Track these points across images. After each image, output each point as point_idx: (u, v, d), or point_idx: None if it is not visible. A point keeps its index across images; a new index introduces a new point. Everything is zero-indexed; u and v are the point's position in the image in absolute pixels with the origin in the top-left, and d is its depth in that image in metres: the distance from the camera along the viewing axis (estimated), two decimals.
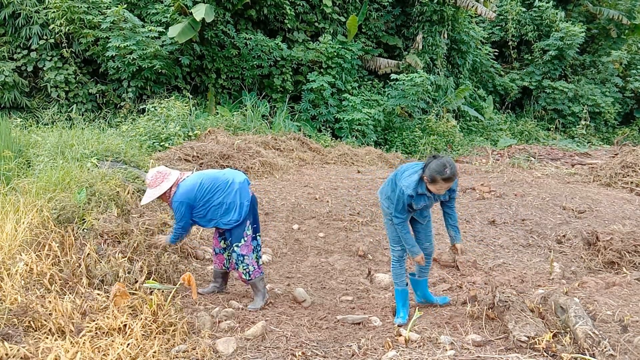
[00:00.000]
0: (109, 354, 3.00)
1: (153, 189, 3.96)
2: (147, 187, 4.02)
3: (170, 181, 3.96)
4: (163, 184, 3.96)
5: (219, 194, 3.96)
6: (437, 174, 3.50)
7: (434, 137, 13.18)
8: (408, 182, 3.65)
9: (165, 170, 4.04)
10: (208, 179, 4.03)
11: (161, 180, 3.96)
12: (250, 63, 12.46)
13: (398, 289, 3.96)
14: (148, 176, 4.01)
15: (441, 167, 3.49)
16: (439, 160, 3.54)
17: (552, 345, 3.14)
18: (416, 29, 14.69)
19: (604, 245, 5.34)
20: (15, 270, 3.69)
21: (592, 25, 18.81)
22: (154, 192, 3.95)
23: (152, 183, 3.97)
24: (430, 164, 3.55)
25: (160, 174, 3.99)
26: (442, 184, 3.53)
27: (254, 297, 4.17)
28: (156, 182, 3.96)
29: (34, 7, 11.21)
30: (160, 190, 3.94)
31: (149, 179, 3.98)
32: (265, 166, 8.65)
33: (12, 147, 6.06)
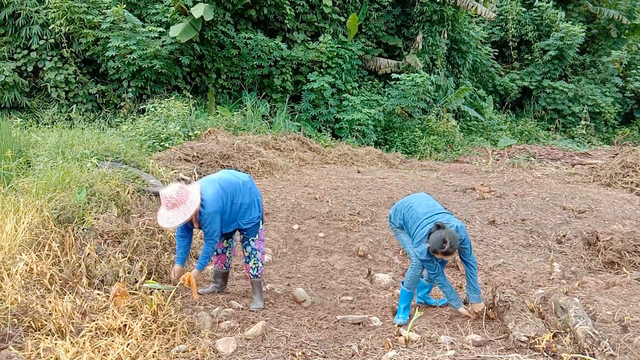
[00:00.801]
0: (109, 354, 3.00)
1: (182, 207, 3.58)
2: (170, 207, 3.57)
3: (197, 195, 3.66)
4: (192, 199, 3.62)
5: (238, 196, 3.93)
6: (437, 248, 3.55)
7: (434, 137, 13.18)
8: (420, 249, 3.70)
9: (182, 185, 3.71)
10: (225, 183, 3.87)
11: (185, 196, 3.61)
12: (250, 63, 12.46)
13: (407, 290, 3.94)
14: (170, 194, 3.58)
15: (440, 243, 3.52)
16: (440, 234, 3.53)
17: (552, 345, 3.14)
18: (416, 29, 14.69)
19: (604, 245, 5.34)
20: (15, 270, 3.69)
21: (592, 25, 18.81)
22: (187, 210, 3.58)
23: (178, 201, 3.58)
24: (432, 236, 3.57)
25: (183, 189, 3.63)
26: (443, 256, 3.61)
27: (254, 296, 4.17)
28: (182, 199, 3.59)
29: (34, 7, 11.21)
30: (194, 206, 3.60)
31: (174, 197, 3.57)
32: (265, 166, 8.65)
33: (12, 147, 6.06)
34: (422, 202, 4.00)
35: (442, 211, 3.89)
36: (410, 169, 10.55)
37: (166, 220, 3.60)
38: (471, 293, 3.78)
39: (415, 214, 3.89)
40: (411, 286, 3.90)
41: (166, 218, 3.59)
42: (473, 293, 3.77)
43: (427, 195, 4.18)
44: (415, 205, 3.97)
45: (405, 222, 3.99)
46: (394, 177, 8.96)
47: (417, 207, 3.94)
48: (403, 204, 4.09)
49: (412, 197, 4.16)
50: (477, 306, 3.76)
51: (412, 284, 3.90)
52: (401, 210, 4.04)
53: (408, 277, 3.91)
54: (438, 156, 12.64)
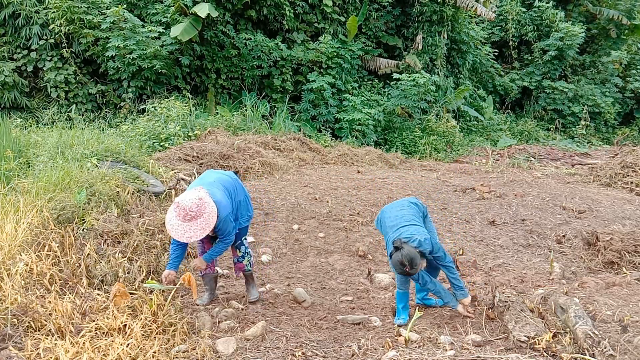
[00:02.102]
0: (109, 354, 3.00)
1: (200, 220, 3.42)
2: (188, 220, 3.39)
3: (213, 205, 3.53)
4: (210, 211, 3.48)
5: (236, 194, 3.95)
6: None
7: (434, 137, 13.18)
8: (392, 264, 3.65)
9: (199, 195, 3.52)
10: (225, 184, 3.85)
11: (203, 208, 3.45)
12: (250, 63, 12.46)
13: (400, 291, 3.94)
14: (190, 207, 3.39)
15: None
16: (397, 257, 3.50)
17: (552, 345, 3.14)
18: (416, 29, 14.69)
19: (604, 245, 5.34)
20: (15, 270, 3.69)
21: (592, 26, 18.81)
22: (206, 223, 3.44)
23: (197, 214, 3.41)
24: (392, 258, 3.55)
25: (201, 200, 3.46)
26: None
27: (251, 289, 4.23)
28: (200, 211, 3.43)
29: (34, 7, 11.21)
30: (213, 219, 3.48)
31: (194, 211, 3.40)
32: (265, 166, 8.65)
33: (12, 147, 6.06)
34: (393, 213, 3.94)
35: (408, 223, 3.80)
36: (410, 169, 10.55)
37: (182, 234, 3.39)
38: (457, 291, 3.85)
39: (385, 226, 3.93)
40: (402, 286, 3.91)
41: (182, 231, 3.39)
42: (459, 290, 3.84)
43: (402, 204, 4.08)
44: (387, 216, 3.97)
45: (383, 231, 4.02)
46: (394, 177, 8.96)
47: (387, 219, 3.94)
48: (382, 212, 4.10)
49: (389, 206, 4.13)
50: (466, 300, 3.84)
51: (401, 283, 3.92)
52: (380, 219, 4.08)
53: (396, 277, 3.94)
54: (438, 156, 12.65)
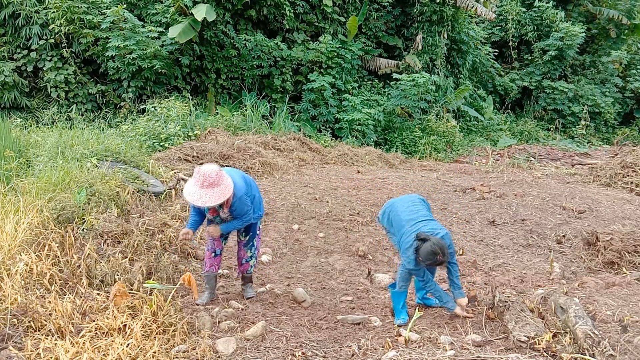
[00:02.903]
0: (109, 354, 3.00)
1: (217, 189, 3.56)
2: (206, 186, 3.53)
3: (231, 180, 3.68)
4: (228, 183, 3.63)
5: (252, 189, 4.01)
6: (429, 262, 3.57)
7: (434, 137, 13.18)
8: (407, 258, 3.71)
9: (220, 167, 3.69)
10: (246, 177, 3.97)
11: (222, 178, 3.61)
12: (250, 63, 12.46)
13: (399, 291, 3.93)
14: (210, 174, 3.54)
15: (432, 256, 3.51)
16: (429, 247, 3.50)
17: (552, 345, 3.13)
18: (416, 29, 14.69)
19: (604, 245, 5.34)
20: (15, 270, 3.69)
21: (592, 26, 18.81)
22: (222, 192, 3.57)
23: (215, 182, 3.55)
24: (421, 249, 3.54)
25: (221, 170, 3.63)
26: (436, 267, 3.70)
27: (249, 289, 4.31)
28: (219, 180, 3.58)
29: (34, 7, 11.21)
30: (229, 190, 3.62)
31: (213, 177, 3.54)
32: (265, 166, 8.65)
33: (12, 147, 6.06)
34: (407, 207, 3.96)
35: (425, 218, 3.85)
36: (410, 169, 10.55)
37: (198, 198, 3.54)
38: (456, 290, 3.86)
39: (399, 220, 3.90)
40: (404, 285, 3.91)
41: (198, 196, 3.54)
42: (458, 290, 3.86)
43: (413, 199, 4.12)
44: (400, 210, 3.97)
45: (392, 225, 4.01)
46: (394, 177, 8.96)
47: (401, 212, 3.94)
48: (391, 206, 4.09)
49: (398, 200, 4.14)
50: (463, 300, 3.85)
51: (404, 282, 3.91)
52: (388, 213, 4.06)
53: (399, 275, 3.93)
54: (438, 156, 12.65)
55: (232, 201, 3.76)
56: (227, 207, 3.81)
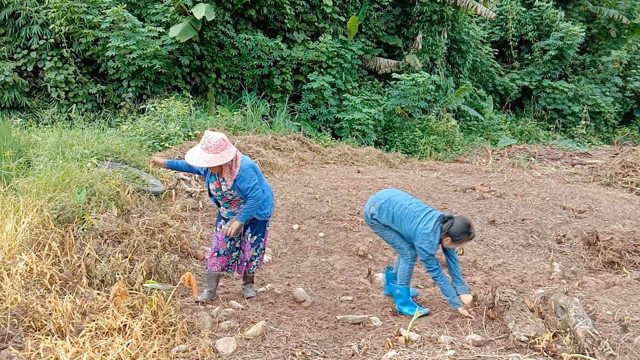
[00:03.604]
0: (109, 354, 3.00)
1: (215, 154, 3.58)
2: (211, 150, 3.57)
3: (234, 149, 3.69)
4: (231, 151, 3.64)
5: (263, 181, 3.99)
6: (464, 235, 3.73)
7: (434, 137, 13.18)
8: (430, 244, 3.80)
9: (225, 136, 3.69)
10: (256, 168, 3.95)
11: (226, 146, 3.62)
12: (250, 63, 12.46)
13: (404, 286, 4.01)
14: (215, 139, 3.59)
15: (466, 229, 3.73)
16: (460, 223, 3.73)
17: (552, 345, 3.13)
18: (416, 29, 14.69)
19: (604, 245, 5.34)
20: (15, 270, 3.68)
21: (592, 25, 18.80)
22: (218, 157, 3.58)
23: (214, 147, 3.57)
24: (453, 227, 3.73)
25: (224, 141, 3.63)
26: (467, 242, 3.84)
27: (250, 288, 4.32)
28: (219, 148, 3.59)
29: (34, 7, 11.20)
30: (231, 155, 3.63)
31: (218, 142, 3.58)
32: (265, 166, 8.65)
33: (12, 147, 6.06)
34: (409, 199, 4.09)
35: (430, 209, 4.01)
36: (410, 168, 10.55)
37: (199, 158, 3.58)
38: (459, 285, 3.92)
39: (409, 212, 3.96)
40: (408, 281, 3.94)
41: (199, 157, 3.58)
42: (461, 285, 3.92)
43: (404, 194, 4.23)
44: (403, 202, 4.04)
45: (396, 219, 4.01)
46: (394, 177, 8.96)
47: (407, 205, 4.01)
48: (387, 201, 4.10)
49: (390, 194, 4.18)
50: (467, 297, 3.87)
51: (407, 278, 3.98)
52: (387, 208, 4.06)
53: (403, 272, 3.96)
54: (438, 156, 12.64)
55: (239, 173, 3.74)
56: (232, 178, 3.75)
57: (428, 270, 3.90)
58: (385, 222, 4.09)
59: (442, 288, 3.90)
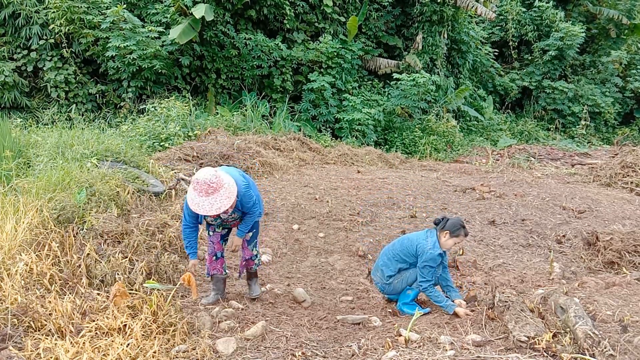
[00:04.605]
0: (109, 354, 3.00)
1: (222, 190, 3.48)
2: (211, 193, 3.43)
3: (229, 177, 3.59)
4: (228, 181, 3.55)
5: (252, 189, 3.98)
6: (461, 227, 3.91)
7: (434, 137, 13.18)
8: (431, 256, 3.90)
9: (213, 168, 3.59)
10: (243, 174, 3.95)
11: (221, 178, 3.52)
12: (250, 63, 12.46)
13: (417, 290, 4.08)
14: (210, 180, 3.45)
15: (460, 222, 3.95)
16: (452, 221, 3.94)
17: (552, 345, 3.13)
18: (416, 29, 14.69)
19: (604, 245, 5.34)
20: (15, 270, 3.68)
21: (592, 25, 18.81)
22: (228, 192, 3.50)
23: (218, 185, 3.47)
24: (447, 225, 3.92)
25: (217, 172, 3.53)
26: (462, 238, 3.97)
27: (254, 286, 4.29)
28: (220, 182, 3.49)
29: (34, 7, 11.21)
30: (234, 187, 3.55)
31: (215, 182, 3.45)
32: (265, 166, 8.65)
33: (12, 147, 6.06)
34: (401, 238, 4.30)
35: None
36: (410, 169, 10.55)
37: (210, 207, 3.44)
38: (452, 292, 4.06)
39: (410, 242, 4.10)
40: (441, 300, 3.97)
41: (209, 205, 3.44)
42: (454, 291, 4.07)
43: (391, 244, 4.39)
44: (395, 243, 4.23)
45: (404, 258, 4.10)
46: (394, 177, 8.96)
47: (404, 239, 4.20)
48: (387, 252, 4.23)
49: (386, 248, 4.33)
50: (461, 301, 3.99)
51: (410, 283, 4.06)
52: (393, 258, 4.15)
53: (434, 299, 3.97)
54: (438, 156, 12.64)
55: (238, 199, 3.70)
56: (233, 207, 3.73)
57: (421, 280, 3.95)
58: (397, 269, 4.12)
59: (433, 297, 3.95)
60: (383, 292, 4.27)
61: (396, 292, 4.17)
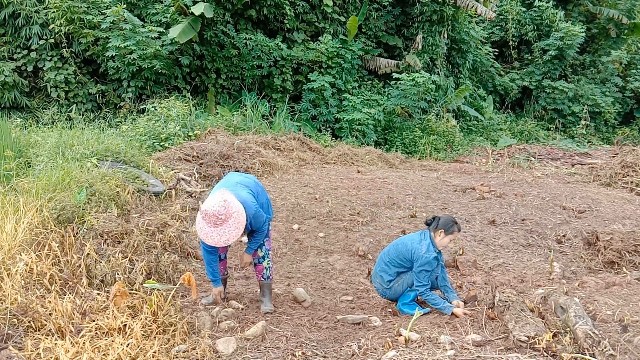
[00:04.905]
0: (109, 354, 3.00)
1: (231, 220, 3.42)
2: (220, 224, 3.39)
3: (238, 202, 3.53)
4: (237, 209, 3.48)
5: (259, 197, 3.96)
6: (454, 224, 3.93)
7: (434, 137, 13.18)
8: (425, 260, 3.90)
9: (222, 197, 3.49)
10: (249, 185, 3.89)
11: (230, 207, 3.44)
12: (250, 63, 12.46)
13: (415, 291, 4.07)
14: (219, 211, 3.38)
15: (452, 218, 3.99)
16: (443, 219, 3.97)
17: (552, 345, 3.13)
18: (416, 29, 14.69)
19: (604, 245, 5.34)
20: (15, 270, 3.68)
21: (592, 25, 18.80)
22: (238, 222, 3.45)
23: (227, 215, 3.41)
24: (441, 222, 3.96)
25: (226, 202, 3.44)
26: (457, 234, 3.98)
27: (264, 299, 4.13)
28: (229, 212, 3.42)
29: (34, 7, 11.20)
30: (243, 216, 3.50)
31: (224, 214, 3.39)
32: (265, 166, 8.65)
33: (12, 147, 6.06)
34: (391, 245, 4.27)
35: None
36: (410, 168, 10.55)
37: (219, 239, 3.41)
38: (450, 293, 4.06)
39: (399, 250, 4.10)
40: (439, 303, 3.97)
41: (218, 236, 3.41)
42: (452, 292, 4.07)
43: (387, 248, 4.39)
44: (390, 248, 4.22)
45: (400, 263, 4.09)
46: (394, 177, 8.96)
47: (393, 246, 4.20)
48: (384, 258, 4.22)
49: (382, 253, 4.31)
50: (459, 302, 3.99)
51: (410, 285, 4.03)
52: (390, 263, 4.14)
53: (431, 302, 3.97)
54: (438, 156, 12.64)
55: (247, 221, 3.64)
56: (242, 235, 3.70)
57: (417, 285, 3.96)
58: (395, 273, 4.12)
59: (430, 300, 3.95)
60: (385, 296, 4.27)
61: (397, 295, 4.16)
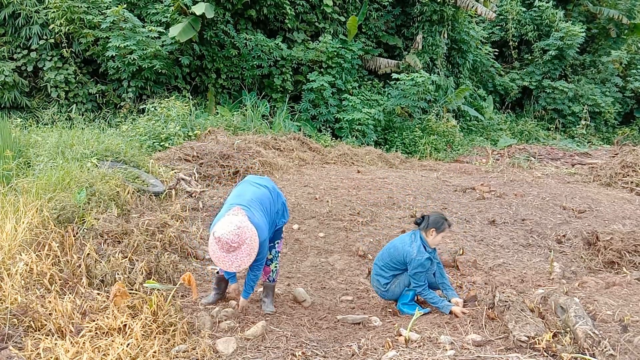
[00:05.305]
0: (109, 354, 3.00)
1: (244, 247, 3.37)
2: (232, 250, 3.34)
3: (253, 228, 3.46)
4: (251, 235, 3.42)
5: (273, 206, 3.92)
6: (444, 221, 3.93)
7: (434, 137, 13.18)
8: (417, 249, 3.90)
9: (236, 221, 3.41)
10: (263, 200, 3.79)
11: (244, 234, 3.38)
12: (250, 63, 12.46)
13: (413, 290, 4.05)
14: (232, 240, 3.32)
15: (442, 215, 3.99)
16: (433, 217, 3.95)
17: (552, 345, 3.13)
18: (416, 29, 14.69)
19: (604, 245, 5.34)
20: (15, 270, 3.68)
21: (592, 25, 18.81)
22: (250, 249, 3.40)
23: (240, 243, 3.36)
24: (431, 221, 3.94)
25: (239, 229, 3.37)
26: (448, 230, 3.98)
27: (266, 299, 4.13)
28: (242, 239, 3.36)
29: (34, 7, 11.21)
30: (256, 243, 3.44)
31: (236, 241, 3.34)
32: (265, 166, 8.65)
33: (12, 147, 6.06)
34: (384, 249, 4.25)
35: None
36: (410, 168, 10.55)
37: (230, 265, 3.38)
38: (449, 291, 4.05)
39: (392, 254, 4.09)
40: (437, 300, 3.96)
41: (230, 262, 3.38)
42: (450, 290, 4.06)
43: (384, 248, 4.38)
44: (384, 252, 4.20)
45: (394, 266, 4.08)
46: (394, 177, 8.96)
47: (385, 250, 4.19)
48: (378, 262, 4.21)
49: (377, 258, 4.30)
50: (458, 299, 3.97)
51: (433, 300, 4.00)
52: (385, 267, 4.13)
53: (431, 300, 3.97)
54: (438, 156, 12.64)
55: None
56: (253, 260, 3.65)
57: (414, 286, 3.96)
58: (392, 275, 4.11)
59: (429, 299, 3.95)
60: (384, 298, 4.27)
61: (396, 296, 4.16)
